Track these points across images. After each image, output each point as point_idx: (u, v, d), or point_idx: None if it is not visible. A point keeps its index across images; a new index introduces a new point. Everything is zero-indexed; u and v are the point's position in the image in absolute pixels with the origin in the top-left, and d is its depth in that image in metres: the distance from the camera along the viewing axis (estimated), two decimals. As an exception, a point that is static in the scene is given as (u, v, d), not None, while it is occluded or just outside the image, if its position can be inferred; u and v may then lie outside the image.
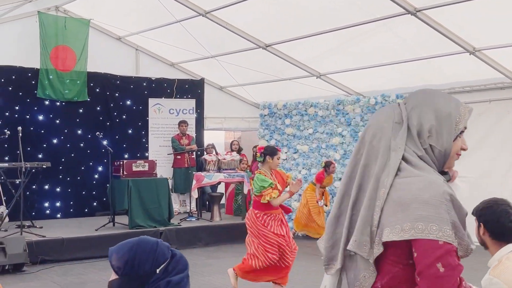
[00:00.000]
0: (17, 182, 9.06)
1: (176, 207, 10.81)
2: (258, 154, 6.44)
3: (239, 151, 12.09)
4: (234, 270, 6.46)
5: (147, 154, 11.59)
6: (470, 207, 8.85)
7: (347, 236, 1.99)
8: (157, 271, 1.92)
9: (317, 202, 10.09)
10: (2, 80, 10.28)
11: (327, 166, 10.17)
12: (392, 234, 1.84)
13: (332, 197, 10.74)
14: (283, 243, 6.22)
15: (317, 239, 7.76)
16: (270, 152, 6.39)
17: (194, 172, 10.50)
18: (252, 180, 11.53)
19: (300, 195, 10.97)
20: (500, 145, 9.35)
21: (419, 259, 1.81)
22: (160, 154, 11.46)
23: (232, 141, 12.81)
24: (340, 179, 10.64)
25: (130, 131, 11.59)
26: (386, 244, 1.88)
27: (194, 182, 10.07)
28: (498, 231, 2.99)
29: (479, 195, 10.41)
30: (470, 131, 9.03)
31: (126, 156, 11.29)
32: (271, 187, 6.13)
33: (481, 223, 3.05)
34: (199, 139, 11.90)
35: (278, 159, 6.39)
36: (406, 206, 1.83)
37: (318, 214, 10.24)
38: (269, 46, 10.07)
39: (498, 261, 2.96)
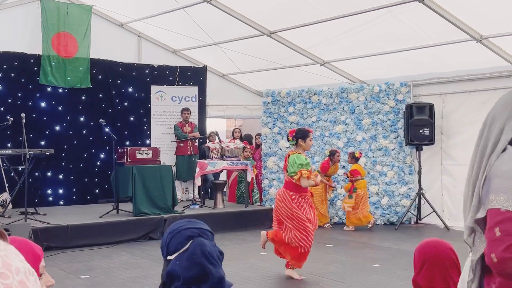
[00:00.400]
0: (20, 169, 9.02)
1: (179, 194, 10.79)
2: (290, 138, 6.48)
3: (241, 139, 12.06)
4: (267, 234, 6.63)
5: (148, 141, 11.56)
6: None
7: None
8: (167, 258, 2.03)
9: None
10: (5, 66, 10.20)
11: (332, 155, 10.16)
12: (480, 212, 1.96)
13: (340, 185, 10.73)
14: (310, 228, 6.29)
15: (320, 227, 7.85)
16: (302, 134, 6.39)
17: (197, 160, 10.48)
18: (256, 167, 11.57)
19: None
20: (505, 133, 9.33)
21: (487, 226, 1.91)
22: (162, 141, 11.43)
23: (234, 129, 12.78)
24: (344, 167, 10.64)
25: (132, 119, 11.55)
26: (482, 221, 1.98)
27: (197, 169, 10.05)
28: None
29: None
30: (474, 118, 9.13)
31: (127, 143, 11.25)
32: (307, 168, 6.18)
33: None
34: (201, 127, 11.86)
35: (310, 140, 6.42)
36: (489, 181, 1.93)
37: (321, 203, 10.25)
38: (273, 33, 10.01)
39: None
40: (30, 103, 10.46)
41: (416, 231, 9.94)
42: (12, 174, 9.48)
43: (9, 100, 10.26)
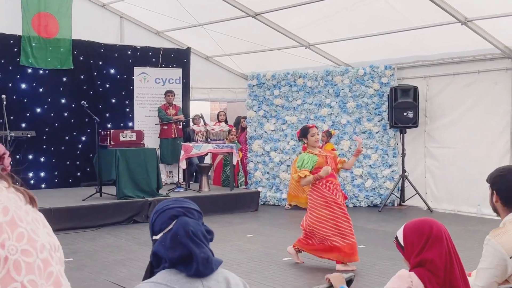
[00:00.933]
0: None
1: (163, 178, 10.70)
2: (299, 139, 6.55)
3: (225, 122, 12.00)
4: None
5: (131, 124, 11.42)
6: (455, 174, 8.93)
7: None
8: (153, 238, 1.99)
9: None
10: (-16, 47, 9.99)
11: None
12: None
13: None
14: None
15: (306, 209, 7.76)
16: (303, 133, 6.42)
17: (182, 143, 10.40)
18: (241, 151, 11.54)
19: (288, 166, 10.97)
20: (487, 115, 9.40)
21: None
22: (146, 124, 11.30)
23: (219, 112, 12.71)
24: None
25: (114, 101, 11.40)
26: None
27: (182, 152, 9.97)
28: (508, 198, 3.05)
29: (465, 164, 10.56)
30: (458, 101, 9.15)
31: (109, 126, 11.10)
32: (305, 168, 6.18)
33: (494, 191, 3.11)
34: (185, 110, 11.75)
35: (312, 136, 6.35)
36: None
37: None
38: (258, 14, 9.91)
39: (503, 224, 3.06)
40: (10, 85, 10.25)
41: (400, 213, 10.01)
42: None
43: (-11, 82, 10.06)
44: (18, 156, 10.18)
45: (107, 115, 11.25)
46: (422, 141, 10.44)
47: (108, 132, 9.27)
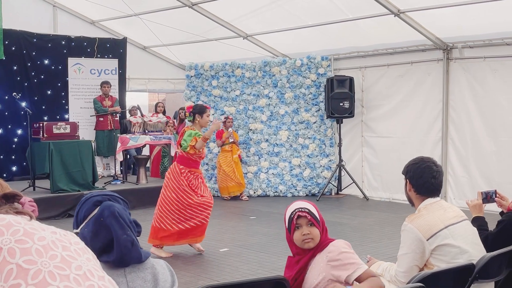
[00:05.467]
0: None
1: (99, 170, 10.51)
2: (188, 114, 6.40)
3: (164, 113, 11.86)
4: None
5: (67, 116, 11.12)
6: (391, 163, 9.17)
7: None
8: (78, 229, 1.88)
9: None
10: None
11: (223, 122, 10.46)
12: None
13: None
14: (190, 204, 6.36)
15: (236, 197, 8.03)
16: (199, 110, 6.36)
17: (118, 135, 10.22)
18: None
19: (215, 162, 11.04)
20: (421, 106, 9.68)
21: None
22: (81, 116, 11.03)
23: (157, 103, 12.55)
24: (248, 133, 10.70)
25: (49, 92, 11.07)
26: None
27: (119, 144, 9.80)
28: (421, 186, 3.12)
29: (402, 154, 10.81)
30: (393, 91, 9.37)
31: (45, 118, 10.79)
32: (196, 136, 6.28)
33: (407, 179, 3.18)
34: (121, 101, 11.54)
35: (207, 116, 6.40)
36: None
37: (234, 172, 10.40)
38: (195, 4, 9.82)
39: (418, 210, 3.14)
40: None
41: (337, 201, 10.19)
42: None
43: None
44: None
45: (43, 107, 10.92)
46: (359, 130, 10.65)
47: (41, 125, 9.02)
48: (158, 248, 6.48)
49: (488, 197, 3.62)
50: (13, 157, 10.64)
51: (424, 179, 3.10)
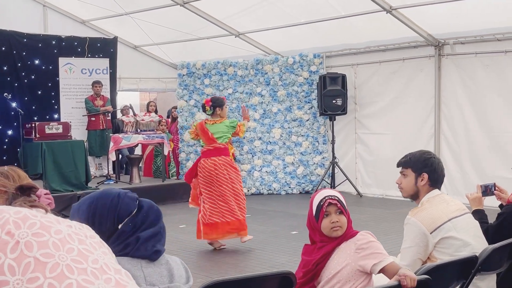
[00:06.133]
0: None
1: (92, 170, 10.45)
2: (208, 107, 6.48)
3: (156, 112, 11.82)
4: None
5: (56, 116, 11.03)
6: (384, 160, 9.19)
7: None
8: (119, 227, 1.82)
9: None
10: None
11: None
12: None
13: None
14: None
15: None
16: (220, 102, 6.60)
17: (111, 134, 10.17)
18: (172, 141, 11.41)
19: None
20: (414, 102, 9.71)
21: None
22: (73, 116, 10.96)
23: (149, 102, 12.51)
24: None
25: (39, 92, 10.98)
26: None
27: (111, 144, 9.76)
28: (437, 179, 3.18)
29: (395, 151, 10.84)
30: (385, 88, 9.38)
31: (36, 118, 10.70)
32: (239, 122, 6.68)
33: (426, 173, 3.15)
34: (113, 100, 11.48)
35: (226, 107, 6.79)
36: None
37: None
38: (187, 3, 9.79)
39: (421, 204, 3.15)
40: None
41: (331, 199, 10.18)
42: None
43: None
44: None
45: (34, 107, 10.83)
46: (352, 127, 10.67)
47: (33, 125, 8.97)
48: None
49: (487, 190, 3.64)
50: (4, 158, 10.53)
51: (439, 172, 3.18)
